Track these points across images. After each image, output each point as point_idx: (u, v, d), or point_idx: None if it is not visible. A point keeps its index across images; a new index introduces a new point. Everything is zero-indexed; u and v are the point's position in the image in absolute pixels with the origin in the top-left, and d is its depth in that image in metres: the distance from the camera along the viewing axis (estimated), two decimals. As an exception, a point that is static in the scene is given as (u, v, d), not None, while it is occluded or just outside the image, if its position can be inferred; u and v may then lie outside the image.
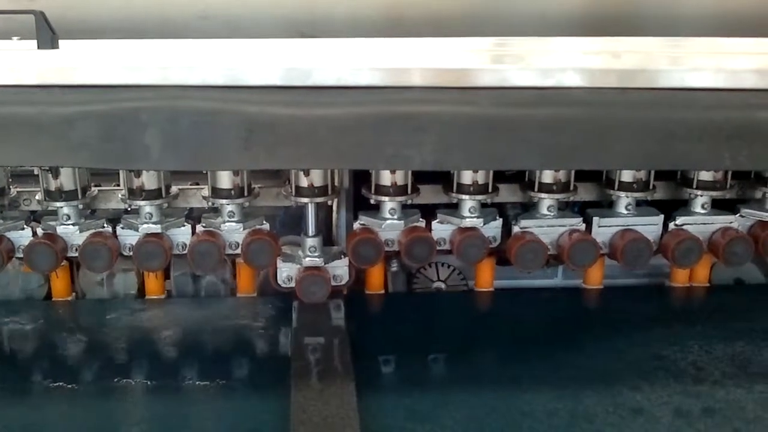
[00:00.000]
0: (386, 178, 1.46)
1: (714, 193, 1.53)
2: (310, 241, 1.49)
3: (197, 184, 1.55)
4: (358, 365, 1.30)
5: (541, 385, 1.28)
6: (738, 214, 1.56)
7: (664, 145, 1.11)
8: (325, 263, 1.50)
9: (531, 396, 1.25)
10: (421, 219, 1.51)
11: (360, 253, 1.47)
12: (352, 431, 1.12)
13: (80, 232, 1.47)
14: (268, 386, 1.30)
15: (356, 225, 1.51)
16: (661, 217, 1.54)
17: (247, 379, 1.34)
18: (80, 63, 1.17)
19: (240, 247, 1.49)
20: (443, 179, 1.51)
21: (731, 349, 1.40)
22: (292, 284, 1.51)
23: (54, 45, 1.31)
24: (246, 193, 1.48)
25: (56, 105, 1.11)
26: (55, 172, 1.44)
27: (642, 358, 1.37)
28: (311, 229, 1.50)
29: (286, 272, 1.52)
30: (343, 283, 1.53)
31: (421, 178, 1.50)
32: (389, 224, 1.49)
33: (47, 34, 1.29)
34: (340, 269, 1.52)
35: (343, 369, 1.29)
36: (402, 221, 1.49)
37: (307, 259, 1.49)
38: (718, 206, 1.56)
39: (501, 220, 1.52)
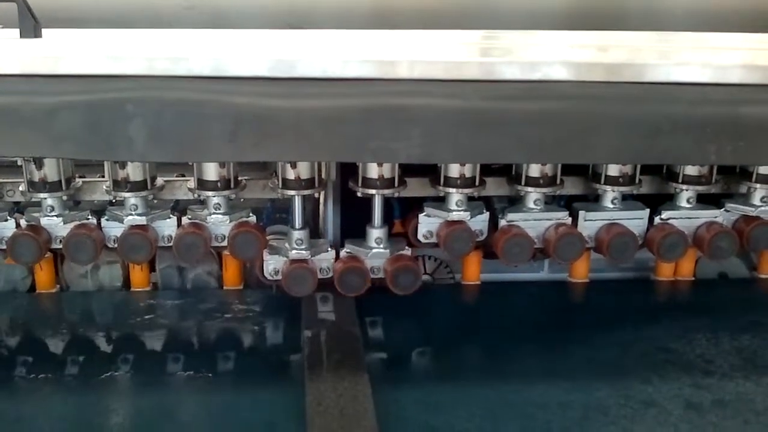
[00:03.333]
0: (373, 170, 1.46)
1: (699, 188, 1.54)
2: (297, 234, 1.49)
3: (183, 175, 1.54)
4: (369, 358, 1.31)
5: (552, 377, 1.30)
6: (723, 209, 1.57)
7: (649, 139, 1.11)
8: (311, 256, 1.50)
9: (544, 388, 1.26)
10: (406, 247, 1.52)
11: (347, 282, 1.47)
12: (368, 423, 1.12)
13: (64, 223, 1.46)
14: (280, 379, 1.31)
15: (342, 253, 1.51)
16: (647, 211, 1.55)
17: (259, 371, 1.34)
18: (64, 52, 1.16)
19: (226, 239, 1.49)
20: (431, 172, 1.51)
21: (737, 342, 1.41)
22: (279, 277, 1.50)
23: (37, 34, 1.29)
24: (232, 185, 1.47)
25: (39, 95, 1.09)
26: (39, 163, 1.42)
27: (650, 351, 1.39)
28: (298, 222, 1.49)
29: (272, 265, 1.51)
30: (330, 275, 1.52)
31: (409, 170, 1.50)
32: (375, 252, 1.50)
33: (30, 23, 1.27)
34: (327, 262, 1.52)
35: (356, 361, 1.29)
36: (388, 250, 1.50)
37: (294, 251, 1.49)
38: (703, 201, 1.57)
39: (488, 213, 1.53)
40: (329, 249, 1.52)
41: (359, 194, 1.48)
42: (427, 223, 1.52)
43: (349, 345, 1.35)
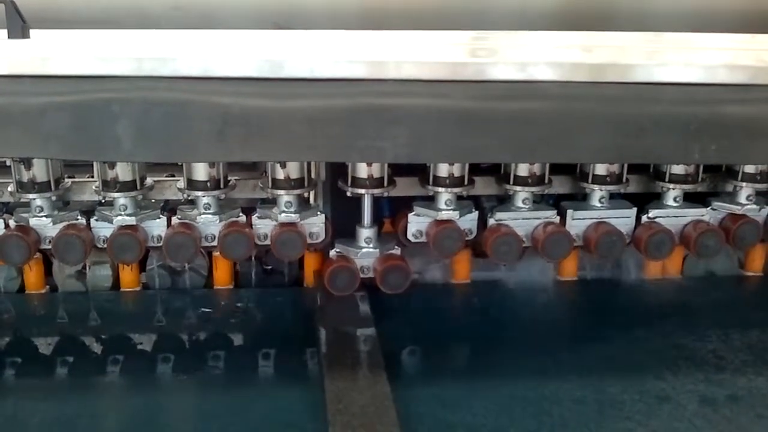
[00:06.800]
0: (362, 170, 1.46)
1: (686, 187, 1.55)
2: (286, 197, 1.47)
3: (173, 175, 1.54)
4: (385, 355, 1.32)
5: (566, 374, 1.31)
6: (709, 207, 1.58)
7: (634, 138, 1.12)
8: (301, 220, 1.49)
9: (557, 384, 1.28)
10: (396, 246, 1.52)
11: (336, 282, 1.48)
12: (389, 420, 1.13)
13: (53, 224, 1.46)
14: (297, 377, 1.32)
15: (332, 253, 1.52)
16: (634, 209, 1.56)
17: (276, 371, 1.35)
18: (52, 53, 1.16)
19: (216, 239, 1.49)
20: (420, 171, 1.52)
21: (747, 339, 1.43)
22: (268, 242, 1.49)
23: (25, 35, 1.29)
24: (222, 185, 1.48)
25: (27, 95, 1.09)
26: (28, 164, 1.42)
27: (660, 347, 1.41)
28: (288, 222, 1.49)
29: (262, 229, 1.50)
30: (320, 240, 1.52)
31: (398, 170, 1.50)
32: (365, 252, 1.50)
33: (18, 24, 1.27)
34: (317, 227, 1.51)
35: (374, 359, 1.30)
36: (377, 249, 1.50)
37: (283, 215, 1.48)
38: (690, 199, 1.58)
39: (477, 212, 1.54)
40: (319, 213, 1.50)
41: (349, 194, 1.49)
42: (417, 222, 1.53)
43: (365, 343, 1.36)
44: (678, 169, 1.54)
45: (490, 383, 1.29)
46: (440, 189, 1.49)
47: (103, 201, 1.49)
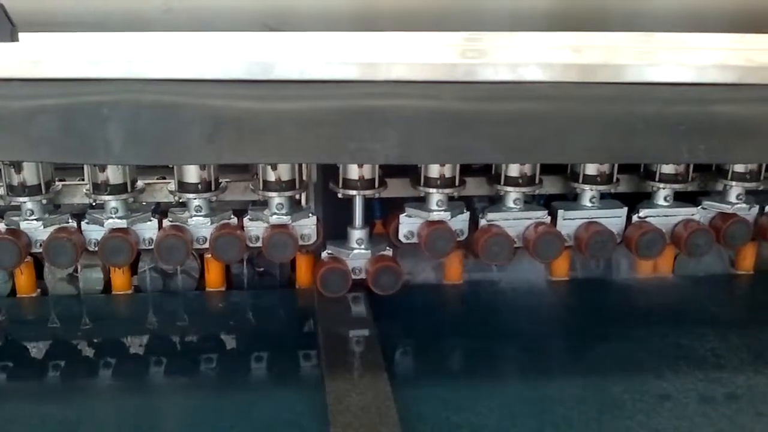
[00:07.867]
0: (354, 171, 1.46)
1: (676, 186, 1.56)
2: (278, 199, 1.47)
3: (164, 178, 1.54)
4: (386, 355, 1.32)
5: (567, 373, 1.32)
6: (700, 207, 1.59)
7: (624, 138, 1.12)
8: (292, 222, 1.49)
9: (560, 384, 1.28)
10: (388, 247, 1.52)
11: (328, 284, 1.48)
12: (390, 420, 1.13)
13: (44, 227, 1.45)
14: (297, 379, 1.32)
15: (324, 254, 1.52)
16: (625, 209, 1.56)
17: (275, 372, 1.35)
18: (41, 56, 1.16)
19: (208, 241, 1.49)
20: (411, 172, 1.52)
21: (744, 337, 1.44)
22: (259, 244, 1.49)
23: (14, 38, 1.28)
24: (213, 188, 1.47)
25: (16, 99, 1.09)
26: (18, 167, 1.42)
27: (661, 346, 1.41)
28: (279, 224, 1.49)
29: (254, 231, 1.50)
30: (311, 242, 1.52)
31: (389, 171, 1.50)
32: (356, 253, 1.50)
33: (7, 27, 1.27)
34: (308, 228, 1.52)
35: (374, 359, 1.30)
36: (369, 251, 1.50)
37: (274, 217, 1.48)
38: (681, 198, 1.59)
39: (468, 213, 1.54)
40: (310, 215, 1.50)
41: (340, 195, 1.49)
42: (408, 224, 1.53)
43: (365, 343, 1.37)
44: (668, 169, 1.55)
45: (491, 383, 1.29)
46: (431, 190, 1.49)
47: (93, 204, 1.48)
